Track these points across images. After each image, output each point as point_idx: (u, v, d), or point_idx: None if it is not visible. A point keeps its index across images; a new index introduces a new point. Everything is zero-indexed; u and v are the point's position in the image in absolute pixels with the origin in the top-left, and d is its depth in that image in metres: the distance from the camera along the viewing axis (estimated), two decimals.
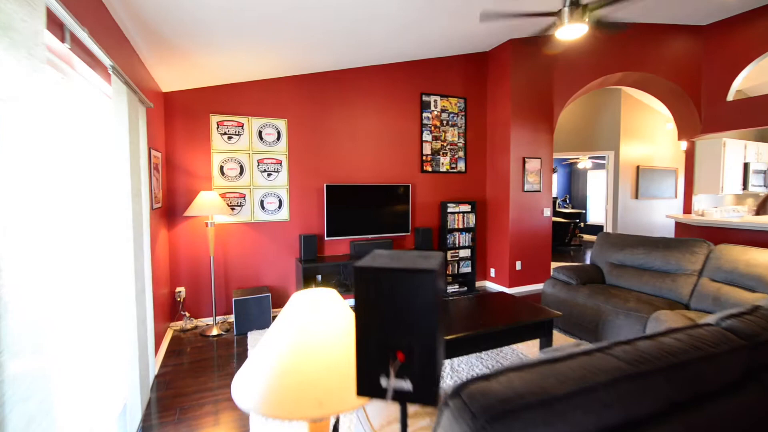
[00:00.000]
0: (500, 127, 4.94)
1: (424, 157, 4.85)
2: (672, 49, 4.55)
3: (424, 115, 4.81)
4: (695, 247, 3.14)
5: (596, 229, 9.59)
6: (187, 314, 3.80)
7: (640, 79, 4.83)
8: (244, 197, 3.99)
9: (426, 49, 4.43)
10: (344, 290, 4.14)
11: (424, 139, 4.83)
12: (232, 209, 3.95)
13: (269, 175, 4.08)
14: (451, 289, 4.90)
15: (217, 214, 3.53)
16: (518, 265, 5.00)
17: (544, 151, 5.05)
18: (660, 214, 7.06)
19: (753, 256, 2.74)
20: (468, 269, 5.08)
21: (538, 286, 5.19)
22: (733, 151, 4.94)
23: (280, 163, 4.13)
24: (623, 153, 6.45)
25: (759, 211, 5.90)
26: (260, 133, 4.02)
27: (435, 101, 4.87)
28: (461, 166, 5.10)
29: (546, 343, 2.77)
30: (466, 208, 4.99)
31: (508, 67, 4.73)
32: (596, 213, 10.45)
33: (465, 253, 5.05)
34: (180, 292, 3.78)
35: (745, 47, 4.14)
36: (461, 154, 5.09)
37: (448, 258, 4.90)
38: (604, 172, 10.17)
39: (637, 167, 6.64)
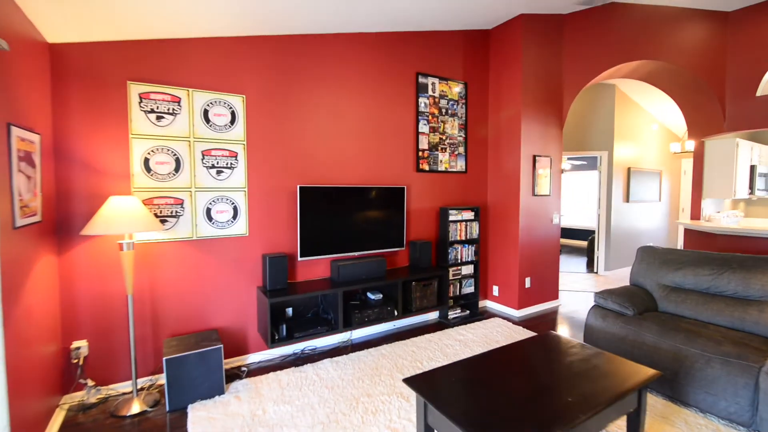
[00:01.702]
0: (507, 120, 4.15)
1: (420, 153, 3.91)
2: (693, 37, 4.05)
3: (421, 100, 3.87)
4: None
5: (577, 233, 9.29)
6: (90, 382, 2.51)
7: (654, 70, 4.30)
8: (182, 204, 2.78)
9: (425, 15, 3.50)
10: (327, 329, 3.07)
11: (420, 130, 3.89)
12: (163, 222, 2.72)
13: (220, 172, 2.91)
14: (452, 314, 4.01)
15: (140, 231, 2.31)
16: (527, 282, 4.23)
17: (554, 149, 4.35)
18: (646, 218, 6.76)
19: None
20: (471, 288, 4.22)
21: (547, 306, 4.47)
22: (744, 152, 4.58)
23: (236, 157, 2.96)
24: (616, 154, 6.00)
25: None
26: (206, 113, 2.83)
27: (433, 84, 3.95)
28: (461, 164, 4.23)
29: (635, 422, 1.94)
30: (469, 215, 4.13)
31: (519, 48, 3.95)
32: (574, 217, 10.21)
33: (468, 269, 4.18)
34: (79, 348, 2.49)
35: None
36: (461, 150, 4.22)
37: (450, 277, 4.00)
38: (584, 174, 10.06)
39: (628, 169, 6.25)
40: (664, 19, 4.00)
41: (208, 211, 2.88)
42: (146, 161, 2.64)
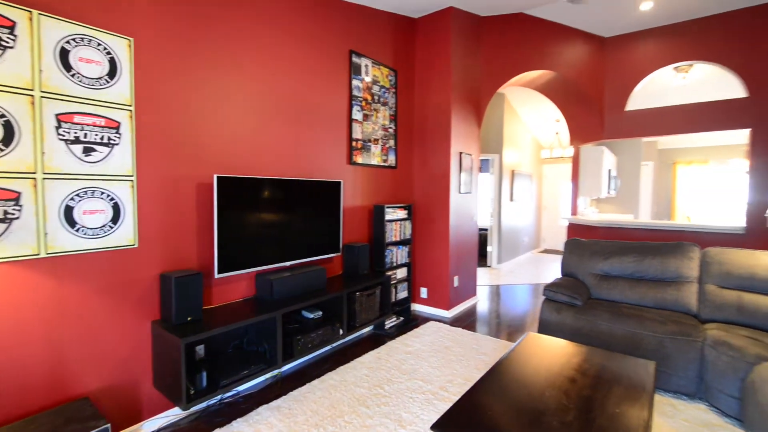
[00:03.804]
0: (436, 115, 3.99)
1: (353, 143, 3.41)
2: (581, 55, 4.63)
3: (354, 83, 3.38)
4: (690, 252, 2.93)
5: None
6: None
7: (549, 81, 4.77)
8: (17, 200, 1.67)
9: None
10: (263, 365, 2.30)
11: (353, 117, 3.39)
12: None
13: (89, 151, 1.87)
14: (388, 323, 3.61)
15: None
16: (456, 281, 4.15)
17: (475, 148, 4.40)
18: (524, 216, 7.64)
19: (765, 259, 2.62)
20: (405, 293, 3.91)
21: (470, 303, 4.49)
22: (606, 158, 5.49)
23: (117, 129, 1.96)
24: (504, 158, 6.58)
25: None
26: (64, 54, 1.78)
27: (366, 67, 3.50)
28: (392, 159, 3.89)
29: None
30: (403, 214, 3.81)
31: (449, 41, 3.83)
32: None
33: (402, 273, 3.85)
34: None
35: (640, 63, 4.52)
36: (392, 143, 3.88)
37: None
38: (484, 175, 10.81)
39: (512, 171, 6.93)
40: (560, 35, 4.45)
41: (69, 211, 1.82)
42: None
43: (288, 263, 2.77)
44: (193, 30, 2.26)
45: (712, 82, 5.08)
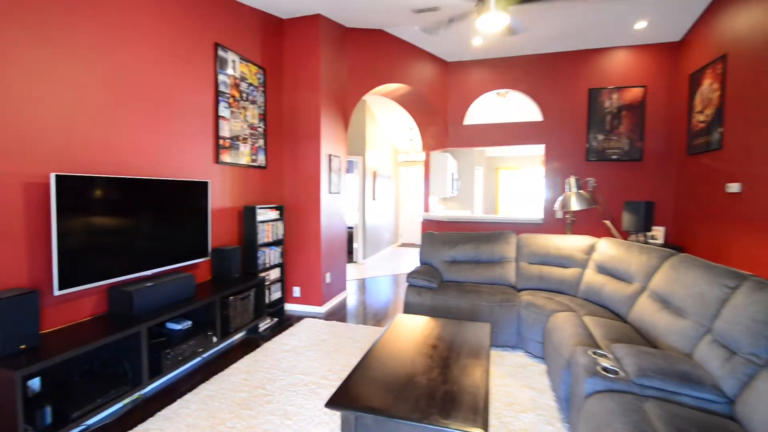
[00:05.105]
0: (306, 116, 4.09)
1: (221, 142, 3.24)
2: (431, 73, 5.36)
3: (221, 78, 3.21)
4: (509, 239, 3.78)
5: None
6: None
7: (405, 94, 5.39)
8: None
9: None
10: (126, 388, 2.06)
11: (220, 113, 3.22)
12: None
13: None
14: (263, 326, 3.57)
15: None
16: (328, 278, 4.35)
17: (342, 150, 4.66)
18: (385, 214, 8.33)
19: (554, 242, 3.58)
20: (278, 294, 3.90)
21: (342, 297, 4.76)
22: (450, 163, 6.48)
23: None
24: (367, 160, 7.08)
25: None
26: None
27: (234, 62, 3.36)
28: (261, 159, 3.82)
29: None
30: (275, 214, 3.80)
31: (318, 46, 3.98)
32: None
33: (275, 273, 3.84)
34: None
35: (473, 87, 5.49)
36: (261, 142, 3.81)
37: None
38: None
39: (374, 173, 7.50)
40: (414, 55, 5.08)
41: None
42: None
43: (149, 272, 2.50)
44: None
45: (526, 105, 6.54)
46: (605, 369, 1.78)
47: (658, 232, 4.45)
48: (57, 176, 1.93)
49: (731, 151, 3.42)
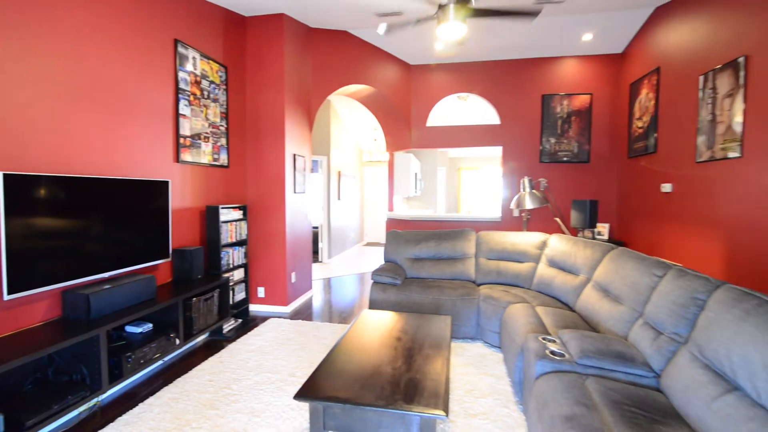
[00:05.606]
0: (270, 116, 4.07)
1: (181, 140, 3.17)
2: (395, 76, 5.48)
3: (181, 75, 3.14)
4: (469, 236, 3.96)
5: None
6: None
7: (370, 95, 5.47)
8: None
9: None
10: (83, 394, 1.99)
11: (181, 111, 3.15)
12: None
13: None
14: (227, 327, 3.53)
15: None
16: (293, 278, 4.35)
17: (307, 150, 4.67)
18: (350, 213, 8.37)
19: (510, 239, 3.80)
20: (243, 294, 3.86)
21: (308, 296, 4.77)
22: (413, 164, 6.64)
23: None
24: (332, 160, 7.10)
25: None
26: None
27: (194, 59, 3.29)
28: (224, 158, 3.76)
29: None
30: (238, 214, 3.76)
31: (282, 46, 3.97)
32: None
33: (239, 274, 3.79)
34: None
35: (435, 89, 5.67)
36: (224, 141, 3.75)
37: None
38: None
39: (339, 173, 7.52)
40: (378, 57, 5.18)
41: None
42: None
43: (107, 274, 2.42)
44: None
45: (485, 108, 6.83)
46: (553, 352, 1.96)
47: (604, 229, 4.84)
48: (5, 175, 1.84)
49: (664, 154, 3.80)
